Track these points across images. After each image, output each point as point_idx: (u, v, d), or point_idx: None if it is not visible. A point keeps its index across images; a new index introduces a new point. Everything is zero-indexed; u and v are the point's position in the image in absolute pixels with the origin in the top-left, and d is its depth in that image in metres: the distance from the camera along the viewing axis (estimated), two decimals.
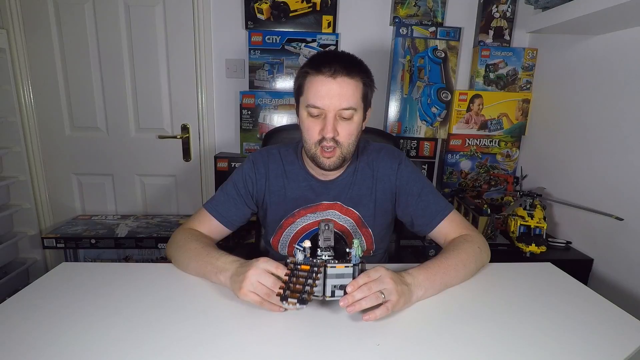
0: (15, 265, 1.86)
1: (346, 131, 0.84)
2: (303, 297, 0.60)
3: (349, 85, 0.81)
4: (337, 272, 0.67)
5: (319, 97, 0.81)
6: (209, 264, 0.77)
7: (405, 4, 1.71)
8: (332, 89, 0.80)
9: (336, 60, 0.82)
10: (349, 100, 0.81)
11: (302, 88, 0.85)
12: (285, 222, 0.96)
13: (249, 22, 1.70)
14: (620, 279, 1.25)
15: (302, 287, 0.62)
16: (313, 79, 0.82)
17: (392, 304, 0.66)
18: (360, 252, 0.68)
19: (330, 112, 0.81)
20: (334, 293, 0.67)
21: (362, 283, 0.65)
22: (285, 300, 0.60)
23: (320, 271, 0.65)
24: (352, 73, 0.81)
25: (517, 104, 1.75)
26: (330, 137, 0.82)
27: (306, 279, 0.63)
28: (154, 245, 1.67)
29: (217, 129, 1.86)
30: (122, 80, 1.80)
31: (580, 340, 0.64)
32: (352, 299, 0.64)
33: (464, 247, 0.83)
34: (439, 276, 0.76)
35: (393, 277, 0.68)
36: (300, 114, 0.87)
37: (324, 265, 0.66)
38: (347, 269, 0.67)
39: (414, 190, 0.93)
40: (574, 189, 1.46)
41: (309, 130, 0.85)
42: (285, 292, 0.61)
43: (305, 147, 0.88)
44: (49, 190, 1.92)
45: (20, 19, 1.71)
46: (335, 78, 0.80)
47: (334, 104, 0.81)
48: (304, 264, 0.66)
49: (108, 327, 0.64)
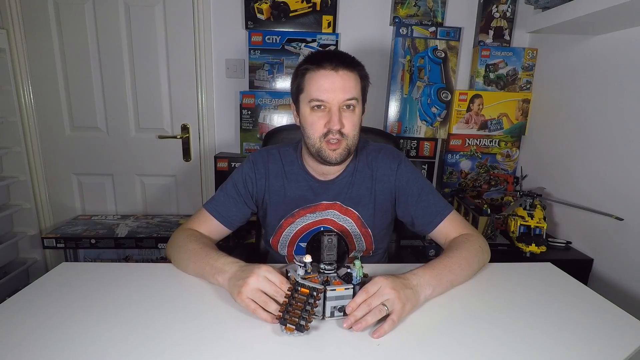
0: (15, 265, 1.86)
1: (350, 122, 0.85)
2: (301, 324, 0.60)
3: (350, 78, 0.83)
4: (337, 294, 0.65)
5: (323, 90, 0.82)
6: (207, 264, 0.77)
7: (405, 4, 1.71)
8: (335, 81, 0.82)
9: (335, 55, 0.84)
10: (351, 91, 0.83)
11: (302, 85, 0.86)
12: (284, 222, 0.96)
13: (249, 22, 1.70)
14: (620, 279, 1.25)
15: (300, 312, 0.62)
16: (314, 74, 0.83)
17: (398, 313, 0.64)
18: (361, 273, 0.68)
19: (334, 105, 0.83)
20: (333, 314, 0.66)
21: (360, 301, 0.64)
22: (284, 325, 0.61)
23: (319, 297, 0.64)
24: (351, 66, 0.84)
25: (517, 104, 1.75)
26: (336, 129, 0.83)
27: (305, 303, 0.63)
28: (154, 245, 1.67)
29: (217, 129, 1.86)
30: (122, 80, 1.80)
31: (580, 340, 0.64)
32: (353, 318, 0.63)
33: (466, 246, 0.84)
34: (445, 274, 0.76)
35: (394, 286, 0.66)
36: (302, 111, 0.87)
37: (323, 290, 0.65)
38: (347, 291, 0.66)
39: (414, 190, 0.93)
40: (574, 189, 1.46)
41: (314, 125, 0.85)
42: (285, 316, 0.61)
43: (309, 142, 0.87)
44: (49, 190, 1.92)
45: (20, 19, 1.71)
46: (337, 71, 0.82)
47: (337, 96, 0.82)
48: (304, 287, 0.65)
49: (108, 327, 0.64)
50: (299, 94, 0.87)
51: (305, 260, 0.69)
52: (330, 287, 0.65)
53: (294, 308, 0.63)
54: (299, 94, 0.87)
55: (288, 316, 0.62)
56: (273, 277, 0.68)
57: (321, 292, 0.65)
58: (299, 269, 0.68)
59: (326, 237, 0.70)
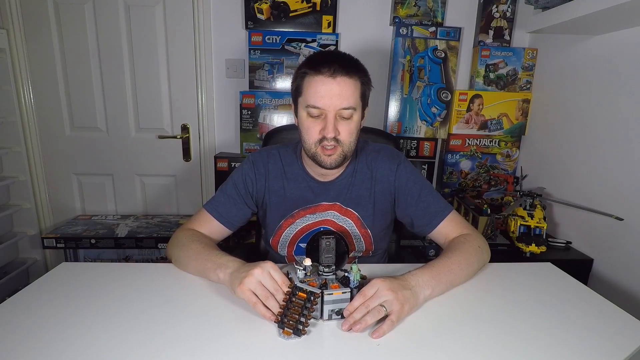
0: (15, 265, 1.86)
1: (347, 130, 0.84)
2: (299, 328, 0.61)
3: (348, 85, 0.81)
4: (335, 298, 0.66)
5: (319, 97, 0.81)
6: (209, 261, 0.77)
7: (405, 4, 1.71)
8: (332, 88, 0.80)
9: (335, 60, 0.82)
10: (348, 100, 0.81)
11: (301, 89, 0.85)
12: (284, 223, 0.96)
13: (249, 22, 1.70)
14: (620, 279, 1.25)
15: (298, 316, 0.62)
16: (312, 79, 0.82)
17: (396, 314, 0.64)
18: (359, 276, 0.68)
19: (331, 112, 0.81)
20: (331, 317, 0.66)
21: (358, 304, 0.64)
22: (282, 329, 0.61)
23: (316, 302, 0.65)
24: (350, 72, 0.81)
25: (517, 104, 1.75)
26: (331, 137, 0.82)
27: (302, 307, 0.63)
28: (154, 245, 1.67)
29: (217, 129, 1.86)
30: (122, 80, 1.80)
31: (580, 340, 0.64)
32: (352, 319, 0.63)
33: (465, 246, 0.83)
34: (444, 275, 0.75)
35: (391, 287, 0.66)
36: (300, 115, 0.87)
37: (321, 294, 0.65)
38: (345, 295, 0.66)
39: (414, 191, 0.93)
40: (574, 189, 1.46)
41: (309, 130, 0.84)
42: (283, 320, 0.62)
43: (305, 147, 0.87)
44: (49, 190, 1.92)
45: (20, 19, 1.71)
46: (335, 78, 0.80)
47: (334, 103, 0.81)
48: (301, 291, 0.65)
49: (108, 327, 0.64)
50: (298, 96, 0.86)
51: (305, 263, 0.69)
52: (327, 290, 0.65)
53: (291, 312, 0.63)
54: (297, 96, 0.87)
55: (286, 320, 0.62)
56: (276, 275, 0.68)
57: (318, 297, 0.65)
58: (298, 271, 0.69)
59: (324, 239, 0.69)
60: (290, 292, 0.66)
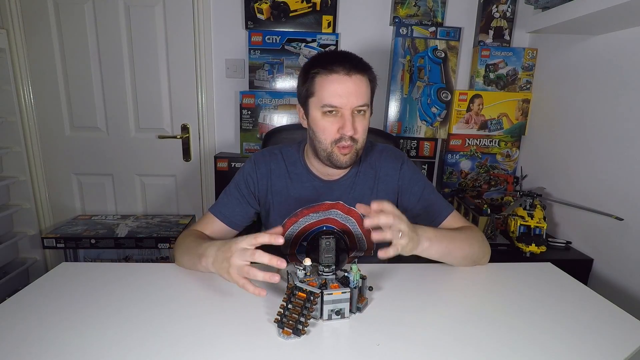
0: (15, 265, 1.86)
1: (362, 127, 0.85)
2: (298, 328, 0.61)
3: (362, 82, 0.83)
4: (334, 298, 0.66)
5: (337, 95, 0.81)
6: (195, 254, 0.79)
7: (405, 4, 1.71)
8: (349, 87, 0.81)
9: (346, 58, 0.83)
10: (363, 98, 0.83)
11: (313, 89, 0.84)
12: (287, 222, 0.96)
13: (249, 22, 1.70)
14: (620, 279, 1.25)
15: (297, 316, 0.63)
16: (326, 79, 0.82)
17: (402, 245, 0.71)
18: (359, 277, 0.68)
19: (347, 110, 0.82)
20: (330, 317, 0.66)
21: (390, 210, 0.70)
22: (282, 328, 0.61)
23: (316, 302, 0.65)
24: (362, 70, 0.83)
25: (517, 104, 1.75)
26: (350, 135, 0.83)
27: (302, 307, 0.64)
28: (154, 245, 1.66)
29: (217, 129, 1.86)
30: (122, 80, 1.80)
31: (580, 340, 0.64)
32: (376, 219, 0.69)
33: (468, 232, 0.88)
34: (445, 240, 0.81)
35: (409, 224, 0.73)
36: (312, 115, 0.86)
37: (320, 294, 0.65)
38: (345, 295, 0.66)
39: (416, 190, 0.94)
40: (574, 189, 1.46)
41: (326, 130, 0.84)
42: (282, 320, 0.62)
43: (320, 147, 0.86)
44: (49, 190, 1.92)
45: (20, 19, 1.71)
46: (351, 76, 0.81)
47: (351, 101, 0.81)
48: (301, 291, 0.66)
49: (108, 327, 0.64)
50: (309, 97, 0.86)
51: (305, 263, 0.69)
52: (327, 290, 0.66)
53: (291, 312, 0.63)
54: (308, 97, 0.86)
55: (285, 319, 0.62)
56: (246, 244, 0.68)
57: (318, 297, 0.65)
58: (299, 271, 0.69)
59: (324, 239, 0.70)
60: (290, 293, 0.66)
